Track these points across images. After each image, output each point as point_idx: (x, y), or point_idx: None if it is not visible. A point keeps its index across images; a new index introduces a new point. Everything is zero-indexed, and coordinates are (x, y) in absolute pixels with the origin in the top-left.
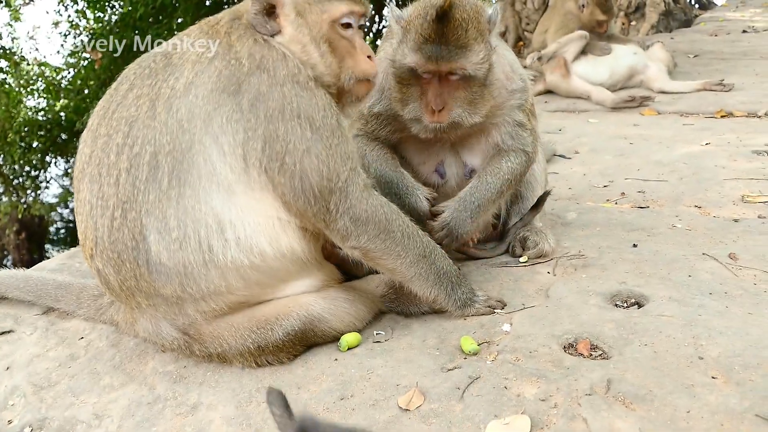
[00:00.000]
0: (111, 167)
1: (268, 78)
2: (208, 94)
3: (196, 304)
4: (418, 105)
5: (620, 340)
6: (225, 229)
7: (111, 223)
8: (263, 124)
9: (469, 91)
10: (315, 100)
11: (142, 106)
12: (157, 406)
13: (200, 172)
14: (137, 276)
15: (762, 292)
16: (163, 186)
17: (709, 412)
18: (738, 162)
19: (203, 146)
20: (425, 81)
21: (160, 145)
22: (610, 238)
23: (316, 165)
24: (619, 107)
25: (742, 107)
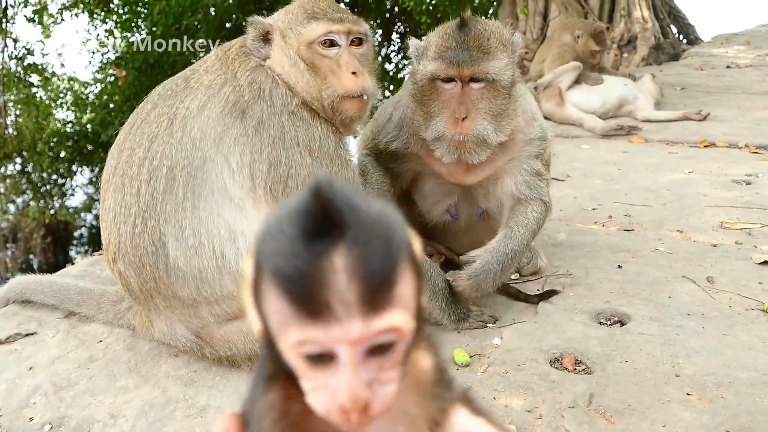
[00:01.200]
0: (133, 179)
1: (267, 107)
2: (217, 117)
3: (210, 307)
4: (440, 120)
5: (603, 356)
6: (237, 239)
7: (133, 230)
8: (267, 148)
9: (494, 102)
10: (311, 130)
11: (162, 124)
12: (168, 408)
13: (213, 187)
14: (156, 278)
15: (736, 314)
16: (179, 198)
17: (684, 427)
18: (718, 190)
19: (215, 164)
20: (448, 94)
21: (176, 160)
22: (597, 259)
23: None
24: (608, 135)
25: (724, 138)
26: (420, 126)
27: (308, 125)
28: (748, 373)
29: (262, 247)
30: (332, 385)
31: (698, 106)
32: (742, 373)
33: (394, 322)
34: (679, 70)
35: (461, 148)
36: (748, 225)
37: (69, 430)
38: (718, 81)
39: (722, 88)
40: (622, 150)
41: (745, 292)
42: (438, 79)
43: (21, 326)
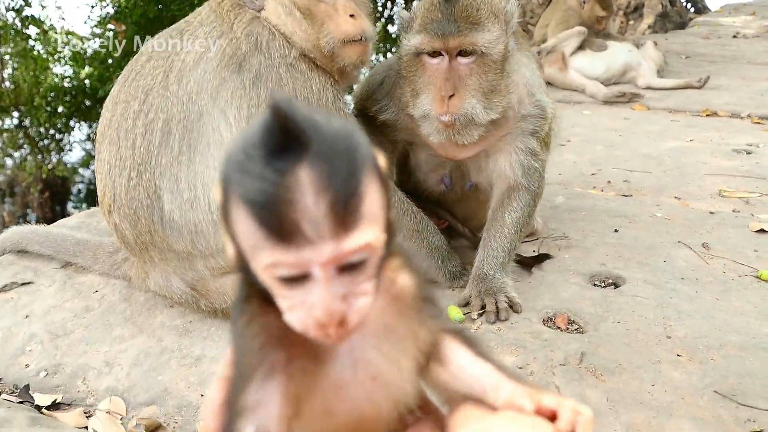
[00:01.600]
0: (128, 131)
1: (264, 60)
2: (214, 70)
3: (205, 260)
4: (426, 97)
5: (596, 316)
6: None
7: (128, 183)
8: (265, 101)
9: (483, 78)
10: (309, 83)
11: (157, 77)
12: (163, 357)
13: (209, 140)
14: (152, 231)
15: (730, 280)
16: (174, 151)
17: (672, 386)
18: (718, 159)
19: (212, 117)
20: (434, 69)
21: (171, 114)
22: (594, 223)
23: None
24: (610, 101)
25: (727, 108)
26: (407, 102)
27: (306, 77)
28: (739, 337)
29: (228, 170)
30: (307, 302)
31: (702, 76)
32: (733, 337)
33: (365, 239)
34: (685, 39)
35: (449, 129)
36: (746, 194)
37: (64, 377)
38: (723, 50)
39: (727, 58)
40: (624, 117)
41: (739, 258)
42: (423, 53)
43: (17, 275)
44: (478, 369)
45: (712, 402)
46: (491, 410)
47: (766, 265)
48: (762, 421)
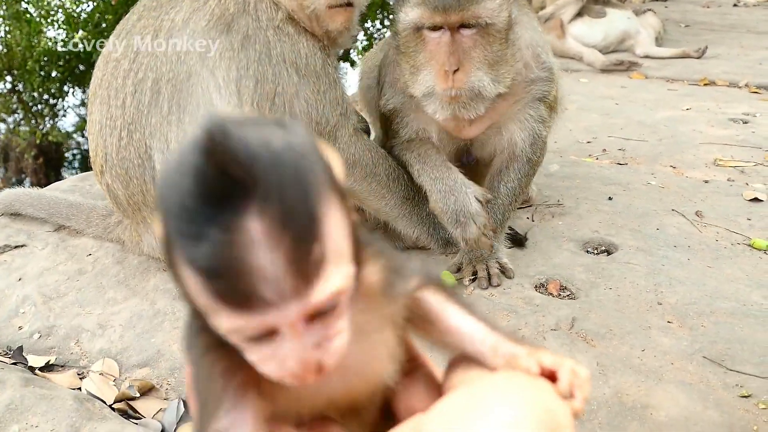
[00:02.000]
0: (118, 91)
1: (252, 22)
2: (202, 31)
3: None
4: (428, 74)
5: (588, 283)
6: None
7: (119, 142)
8: (253, 64)
9: (489, 49)
10: (297, 46)
11: (147, 36)
12: (156, 320)
13: (198, 101)
14: (144, 191)
15: (722, 248)
16: (164, 111)
17: (662, 352)
18: (714, 128)
19: (201, 78)
20: (435, 43)
21: (161, 73)
22: (588, 191)
23: (305, 108)
24: (608, 69)
25: (725, 77)
26: (407, 81)
27: (294, 41)
28: (729, 304)
29: (166, 215)
30: (279, 356)
31: (701, 44)
32: (723, 304)
33: (333, 286)
34: (685, 7)
35: (455, 103)
36: (741, 163)
37: (58, 339)
38: (723, 19)
39: (727, 27)
40: (621, 85)
41: (732, 227)
42: (423, 28)
43: (10, 238)
44: (469, 327)
45: (701, 367)
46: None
47: (759, 233)
48: (750, 386)
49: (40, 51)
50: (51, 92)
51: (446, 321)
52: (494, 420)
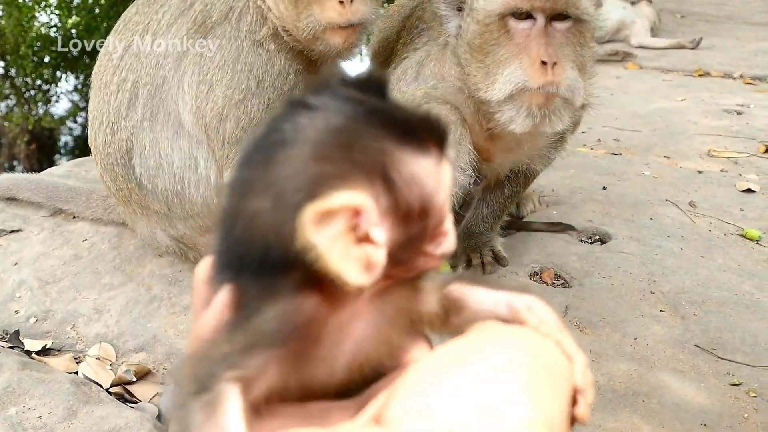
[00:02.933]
0: (107, 86)
1: (231, 31)
2: (184, 36)
3: (184, 221)
4: (517, 68)
5: (582, 271)
6: (197, 166)
7: (105, 138)
8: (214, 69)
9: (579, 51)
10: (272, 62)
11: (136, 33)
12: (152, 305)
13: (168, 110)
14: (129, 189)
15: (715, 237)
16: (138, 116)
17: (654, 340)
18: (709, 119)
19: (172, 84)
20: (524, 35)
21: (140, 76)
22: (583, 180)
23: (240, 115)
24: (603, 60)
25: (720, 68)
26: (477, 83)
27: (270, 56)
28: (721, 293)
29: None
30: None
31: (696, 35)
32: (715, 293)
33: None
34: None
35: (545, 107)
36: (735, 154)
37: (54, 323)
38: (719, 10)
39: (722, 17)
40: (616, 75)
41: (725, 217)
42: (511, 16)
43: (6, 223)
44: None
45: (693, 355)
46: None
47: (752, 223)
48: (740, 375)
49: (33, 37)
50: (44, 78)
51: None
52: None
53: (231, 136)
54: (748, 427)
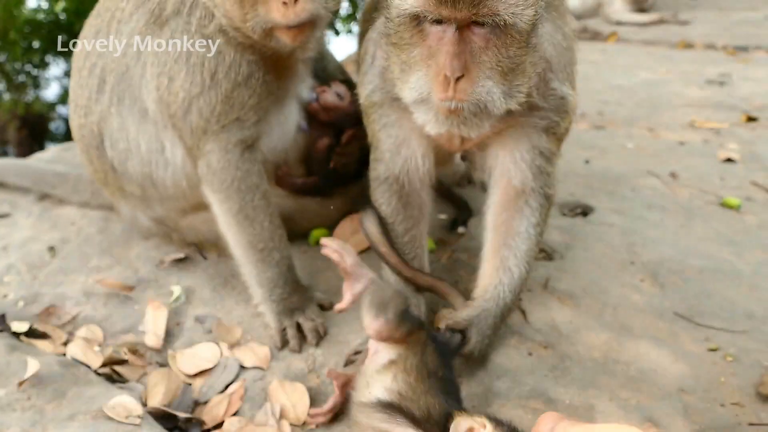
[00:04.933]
0: (81, 69)
1: (183, 24)
2: (143, 26)
3: (161, 203)
4: (424, 77)
5: (563, 244)
6: (164, 149)
7: (79, 120)
8: (171, 63)
9: (504, 54)
10: (222, 55)
11: (105, 20)
12: (140, 287)
13: (133, 97)
14: (105, 172)
15: (695, 207)
16: (106, 101)
17: (634, 309)
18: (691, 90)
19: (135, 72)
20: (436, 38)
21: (107, 62)
22: (566, 155)
23: (202, 106)
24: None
25: (703, 39)
26: (396, 79)
27: (219, 50)
28: (699, 261)
29: None
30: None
31: (680, 8)
32: (694, 261)
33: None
34: None
35: (453, 118)
36: (717, 124)
37: (42, 307)
38: None
39: None
40: (600, 49)
41: (705, 186)
42: (423, 20)
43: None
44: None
45: (671, 323)
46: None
47: (731, 192)
48: (717, 340)
49: (22, 21)
50: (33, 63)
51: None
52: None
53: (197, 127)
54: (725, 390)
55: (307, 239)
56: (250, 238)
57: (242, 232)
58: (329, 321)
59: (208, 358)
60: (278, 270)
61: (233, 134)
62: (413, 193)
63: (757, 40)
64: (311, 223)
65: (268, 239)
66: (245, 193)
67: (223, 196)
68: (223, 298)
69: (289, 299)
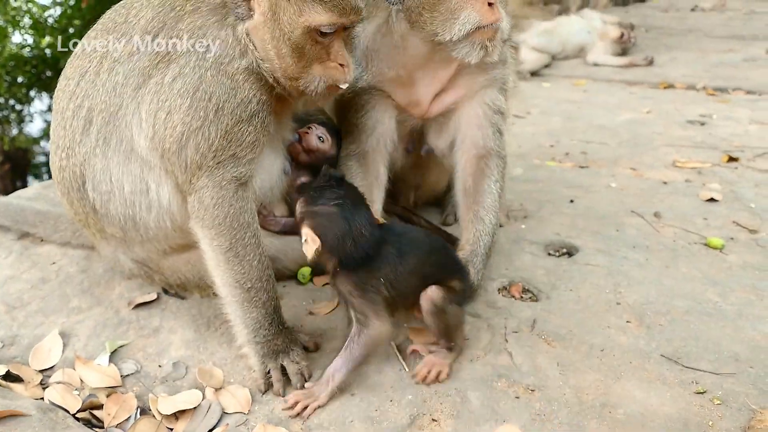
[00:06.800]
0: (63, 111)
1: (196, 61)
2: (144, 67)
3: (141, 245)
4: (471, 11)
5: (549, 285)
6: (148, 190)
7: (60, 162)
8: (173, 96)
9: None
10: (235, 91)
11: (93, 61)
12: (121, 328)
13: (121, 137)
14: (85, 214)
15: (679, 247)
16: (92, 142)
17: (621, 351)
18: (673, 130)
19: (128, 111)
20: None
21: (95, 102)
22: (551, 194)
23: (200, 141)
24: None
25: (683, 80)
26: (436, 30)
27: (236, 86)
28: (685, 302)
29: None
30: None
31: (660, 49)
32: (680, 302)
33: None
34: (645, 12)
35: (491, 42)
36: (698, 164)
37: (21, 349)
38: (681, 23)
39: (685, 31)
40: (583, 89)
41: (689, 227)
42: None
43: None
44: None
45: (658, 365)
46: None
47: (715, 232)
48: (705, 383)
49: (7, 57)
50: (17, 97)
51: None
52: None
53: (192, 162)
54: None
55: (295, 278)
56: (239, 277)
57: (231, 270)
58: (314, 363)
59: (190, 401)
60: (264, 311)
61: (228, 170)
62: (373, 164)
63: (736, 82)
64: (295, 264)
65: (256, 279)
66: (237, 231)
67: (215, 233)
68: (206, 339)
69: (274, 341)
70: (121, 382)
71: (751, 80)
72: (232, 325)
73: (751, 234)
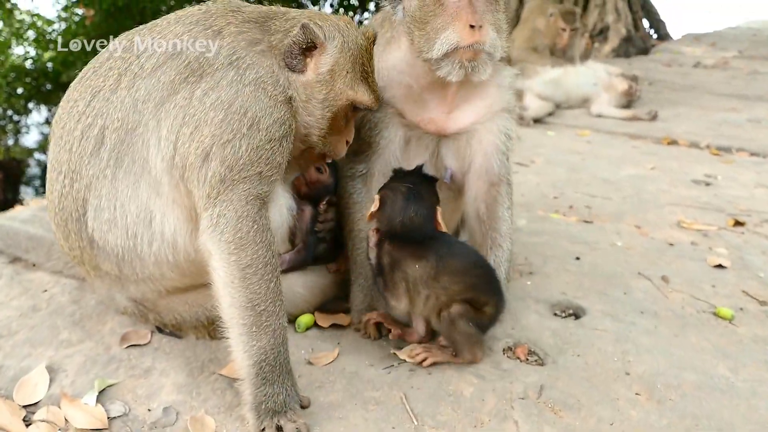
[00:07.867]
0: (69, 133)
1: (235, 75)
2: (170, 81)
3: (136, 284)
4: (452, 31)
5: (555, 348)
6: (152, 220)
7: (61, 189)
8: (204, 110)
9: (497, 16)
10: (272, 110)
11: (109, 78)
12: (111, 366)
13: (134, 157)
14: (81, 248)
15: (688, 315)
16: (102, 163)
17: (631, 426)
18: (678, 188)
19: (146, 129)
20: (455, 5)
21: (109, 121)
22: (556, 249)
23: (227, 154)
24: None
25: (687, 137)
26: (422, 48)
27: (275, 103)
28: (696, 376)
29: None
30: None
31: (663, 103)
32: (690, 376)
33: None
34: (648, 65)
35: (473, 61)
36: (704, 226)
37: (5, 381)
38: (684, 79)
39: (687, 87)
40: (586, 140)
41: (698, 294)
42: None
43: None
44: None
45: None
46: None
47: (724, 301)
48: None
49: (8, 68)
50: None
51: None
52: None
53: (214, 175)
54: None
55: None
56: (252, 297)
57: (245, 289)
58: (310, 419)
59: None
60: (273, 340)
61: (254, 187)
62: (377, 183)
63: (740, 142)
64: (296, 309)
65: (270, 302)
66: (260, 247)
67: (234, 247)
68: (200, 384)
69: (275, 396)
70: (107, 424)
71: (756, 141)
72: (233, 357)
73: (761, 306)
